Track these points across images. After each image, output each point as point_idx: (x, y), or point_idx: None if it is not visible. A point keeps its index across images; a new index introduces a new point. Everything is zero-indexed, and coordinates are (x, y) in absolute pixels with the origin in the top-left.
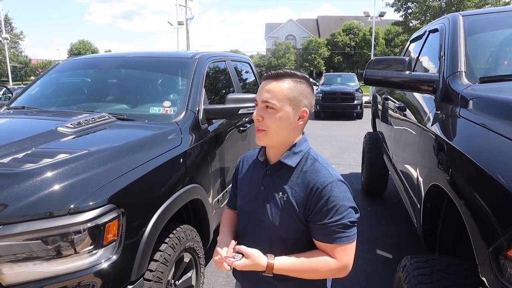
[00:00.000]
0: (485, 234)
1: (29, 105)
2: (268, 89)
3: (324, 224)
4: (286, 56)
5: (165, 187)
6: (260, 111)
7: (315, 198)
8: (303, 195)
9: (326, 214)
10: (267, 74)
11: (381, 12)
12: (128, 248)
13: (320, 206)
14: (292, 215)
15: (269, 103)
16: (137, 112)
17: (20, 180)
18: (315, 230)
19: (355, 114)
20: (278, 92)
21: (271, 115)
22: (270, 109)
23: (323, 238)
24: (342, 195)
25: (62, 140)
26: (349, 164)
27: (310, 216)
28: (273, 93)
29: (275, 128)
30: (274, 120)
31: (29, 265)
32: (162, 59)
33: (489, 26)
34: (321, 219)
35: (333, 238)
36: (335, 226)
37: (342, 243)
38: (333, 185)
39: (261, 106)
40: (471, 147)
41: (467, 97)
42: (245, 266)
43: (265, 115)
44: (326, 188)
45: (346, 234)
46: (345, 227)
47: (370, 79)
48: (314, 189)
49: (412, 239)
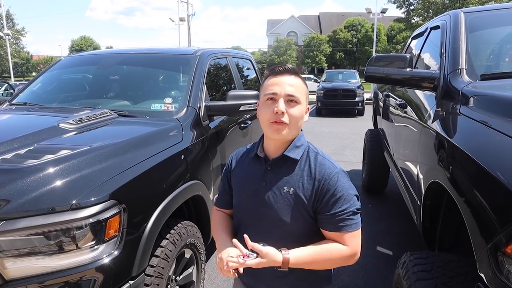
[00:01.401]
0: (484, 230)
1: (31, 101)
2: (291, 84)
3: (334, 214)
4: (288, 53)
5: (166, 183)
6: (284, 104)
7: (323, 190)
8: (310, 187)
9: (335, 203)
10: (283, 68)
11: (383, 9)
12: (130, 243)
13: (329, 196)
14: (300, 208)
15: (294, 96)
16: (138, 108)
17: (23, 176)
18: (325, 220)
19: (357, 111)
20: (299, 86)
21: (293, 107)
22: (292, 102)
23: (334, 227)
24: (347, 184)
25: (64, 136)
26: (350, 161)
27: (319, 207)
28: (296, 87)
29: (296, 121)
30: (298, 113)
31: (32, 260)
32: (163, 55)
33: (490, 23)
34: (330, 209)
35: (343, 226)
36: (344, 214)
37: (351, 230)
38: (339, 176)
39: (285, 99)
40: (471, 144)
41: (468, 94)
42: (260, 264)
43: (288, 108)
44: (333, 179)
45: (354, 221)
46: (352, 214)
47: (371, 76)
48: (322, 181)
49: (413, 236)
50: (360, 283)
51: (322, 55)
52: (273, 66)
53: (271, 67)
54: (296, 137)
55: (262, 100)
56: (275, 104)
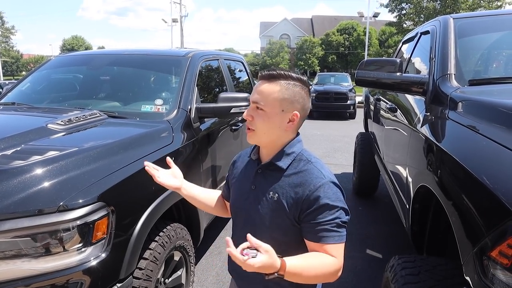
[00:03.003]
0: (470, 234)
1: (20, 101)
2: (259, 90)
3: (316, 223)
4: (281, 55)
5: (156, 185)
6: (250, 110)
7: (307, 200)
8: (294, 195)
9: (318, 214)
10: (261, 74)
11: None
12: (118, 246)
13: (312, 206)
14: (282, 215)
15: (258, 104)
16: (128, 109)
17: (9, 177)
18: (306, 229)
19: (348, 114)
20: (268, 94)
21: (260, 115)
22: (259, 110)
23: (315, 237)
24: (334, 196)
25: (52, 137)
26: (341, 164)
27: (302, 216)
28: (263, 95)
29: (263, 129)
30: (262, 120)
31: (17, 262)
32: (154, 57)
33: (479, 29)
34: (313, 219)
35: (325, 237)
36: (327, 224)
37: (333, 242)
38: (326, 187)
39: (252, 106)
40: (458, 149)
41: (456, 99)
42: (262, 263)
43: (255, 115)
44: (319, 190)
45: (338, 233)
46: (336, 226)
47: (362, 80)
48: (306, 191)
49: (402, 240)
50: (349, 286)
51: (314, 58)
52: (261, 70)
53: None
54: (288, 143)
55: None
56: None
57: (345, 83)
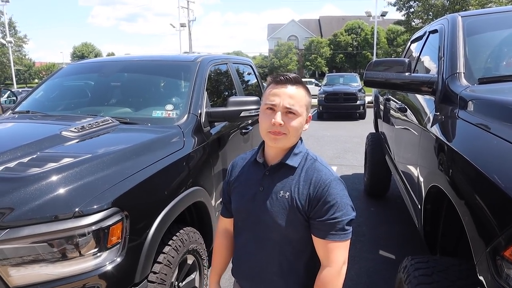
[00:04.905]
0: (483, 234)
1: (34, 109)
2: (291, 95)
3: (325, 220)
4: (289, 57)
5: (168, 190)
6: (282, 116)
7: (318, 195)
8: (305, 192)
9: (328, 210)
10: (285, 78)
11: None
12: (132, 250)
13: (322, 202)
14: (295, 212)
15: (292, 109)
16: (140, 115)
17: (26, 184)
18: (315, 226)
19: (358, 114)
20: (299, 98)
21: (291, 119)
22: (290, 113)
23: (323, 234)
24: (342, 193)
25: (66, 144)
26: (352, 165)
27: (312, 212)
28: (296, 100)
29: (294, 132)
30: (295, 124)
31: (35, 267)
32: (164, 62)
33: (488, 27)
34: (322, 216)
35: (331, 235)
36: (335, 222)
37: (339, 240)
38: (335, 183)
39: (283, 111)
40: (469, 148)
41: (466, 98)
42: None
43: (286, 120)
44: (328, 186)
45: (344, 231)
46: (343, 224)
47: (371, 81)
48: (316, 187)
49: (415, 240)
50: (362, 286)
51: (322, 58)
52: (276, 74)
53: (274, 74)
54: (295, 145)
55: (262, 107)
56: (274, 114)
57: (354, 84)
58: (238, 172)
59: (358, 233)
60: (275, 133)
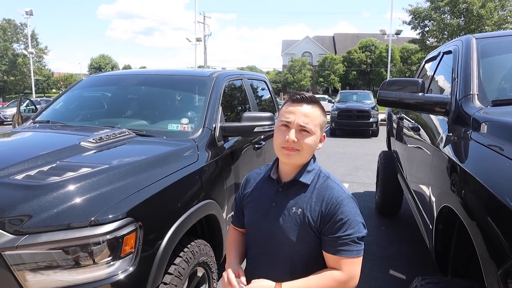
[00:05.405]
0: (494, 257)
1: (54, 119)
2: (305, 114)
3: (337, 237)
4: (302, 72)
5: (181, 202)
6: (296, 133)
7: (330, 212)
8: (318, 209)
9: (340, 228)
10: (301, 97)
11: (398, 30)
12: (144, 260)
13: (334, 220)
14: (307, 228)
15: (306, 127)
16: (155, 128)
17: (45, 192)
18: (327, 242)
19: (371, 131)
20: (314, 117)
21: (305, 137)
22: (304, 131)
23: (334, 250)
24: (354, 210)
25: (85, 154)
26: (364, 183)
27: (323, 229)
28: (310, 118)
29: (307, 149)
30: (309, 141)
31: (51, 273)
32: (181, 77)
33: (502, 49)
34: (334, 233)
35: (344, 251)
36: (346, 239)
37: (352, 256)
38: (347, 201)
39: (297, 128)
40: (482, 170)
41: (479, 120)
42: None
43: (299, 137)
44: (340, 204)
45: (356, 247)
46: (355, 241)
47: (384, 100)
48: (329, 204)
49: (426, 260)
50: None
51: (335, 75)
52: (293, 92)
53: (291, 93)
54: (308, 162)
55: (277, 124)
56: (288, 131)
57: (367, 101)
58: (252, 187)
59: (368, 252)
60: (289, 148)
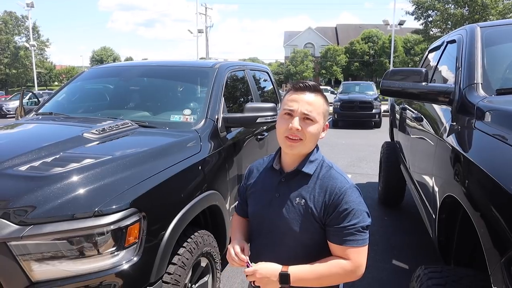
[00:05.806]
0: (498, 245)
1: (56, 111)
2: (309, 102)
3: (342, 227)
4: (305, 64)
5: (185, 193)
6: (300, 121)
7: (334, 203)
8: (321, 199)
9: (344, 218)
10: (304, 85)
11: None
12: (148, 250)
13: (338, 210)
14: (310, 219)
15: (309, 115)
16: (158, 119)
17: (49, 183)
18: (332, 233)
19: (373, 123)
20: (318, 106)
21: (308, 125)
22: (308, 120)
23: (340, 240)
24: (358, 200)
25: (88, 145)
26: (367, 174)
27: (328, 219)
28: (314, 106)
29: (310, 138)
30: (312, 130)
31: (56, 263)
32: (183, 68)
33: (507, 38)
34: (339, 223)
35: (349, 241)
36: (352, 229)
37: (357, 246)
38: (350, 191)
39: (301, 117)
40: (486, 159)
41: (483, 109)
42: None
43: (303, 125)
44: (344, 193)
45: (362, 237)
46: (360, 230)
47: (387, 90)
48: (332, 194)
49: (429, 250)
50: None
51: (337, 66)
52: (295, 81)
53: (294, 82)
54: (311, 152)
55: (280, 113)
56: (291, 119)
57: (370, 92)
58: (255, 178)
59: (371, 242)
60: (292, 139)
